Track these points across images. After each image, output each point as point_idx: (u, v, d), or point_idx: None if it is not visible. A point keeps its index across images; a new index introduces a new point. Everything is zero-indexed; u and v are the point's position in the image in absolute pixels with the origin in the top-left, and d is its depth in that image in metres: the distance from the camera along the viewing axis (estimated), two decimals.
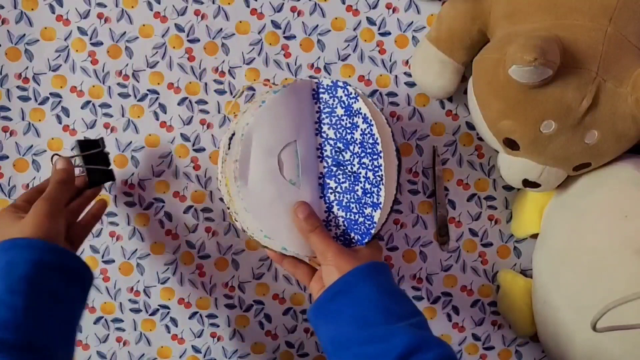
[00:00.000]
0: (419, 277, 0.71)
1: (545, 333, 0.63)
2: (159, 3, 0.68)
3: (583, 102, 0.53)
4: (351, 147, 0.58)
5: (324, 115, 0.59)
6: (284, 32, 0.69)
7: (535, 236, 0.67)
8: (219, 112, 0.69)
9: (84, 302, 0.54)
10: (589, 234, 0.57)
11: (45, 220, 0.51)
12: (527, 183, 0.60)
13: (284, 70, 0.69)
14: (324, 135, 0.59)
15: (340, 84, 0.58)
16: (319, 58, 0.69)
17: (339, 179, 0.59)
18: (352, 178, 0.58)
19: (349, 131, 0.58)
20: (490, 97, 0.58)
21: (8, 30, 0.67)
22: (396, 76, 0.69)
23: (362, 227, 0.58)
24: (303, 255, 0.59)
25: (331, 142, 0.59)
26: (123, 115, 0.69)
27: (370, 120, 0.56)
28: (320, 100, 0.59)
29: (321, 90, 0.59)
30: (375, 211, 0.57)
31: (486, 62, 0.59)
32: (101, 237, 0.69)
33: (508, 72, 0.52)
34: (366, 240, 0.58)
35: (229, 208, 0.58)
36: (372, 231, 0.57)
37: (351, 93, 0.57)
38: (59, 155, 0.60)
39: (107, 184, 0.69)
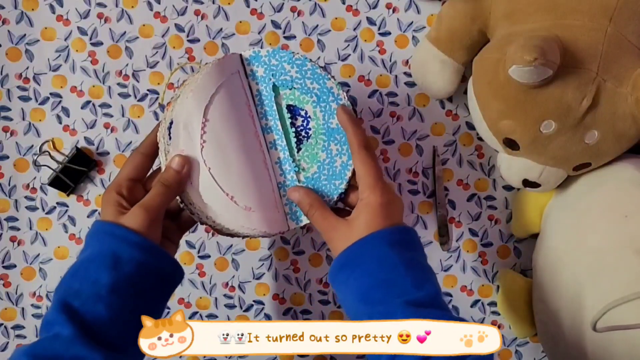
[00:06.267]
0: None
1: (545, 333, 0.63)
2: (159, 3, 0.68)
3: (583, 102, 0.53)
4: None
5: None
6: (284, 32, 0.69)
7: (535, 236, 0.67)
8: None
9: (166, 302, 0.54)
10: (589, 234, 0.57)
11: (151, 224, 0.51)
12: (527, 183, 0.60)
13: None
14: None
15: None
16: (319, 58, 0.69)
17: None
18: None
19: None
20: (490, 97, 0.58)
21: (8, 31, 0.67)
22: (396, 76, 0.69)
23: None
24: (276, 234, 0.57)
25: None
26: (123, 115, 0.69)
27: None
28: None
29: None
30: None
31: (486, 62, 0.59)
32: None
33: (508, 72, 0.52)
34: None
35: (181, 202, 0.54)
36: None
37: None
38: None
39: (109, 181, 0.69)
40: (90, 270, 0.49)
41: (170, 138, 0.53)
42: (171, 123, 0.53)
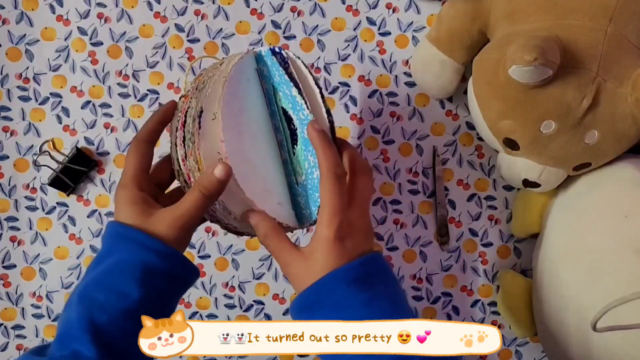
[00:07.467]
0: (419, 277, 0.71)
1: (545, 333, 0.63)
2: (159, 3, 0.68)
3: (583, 102, 0.53)
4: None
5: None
6: (284, 32, 0.69)
7: (535, 236, 0.67)
8: None
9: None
10: (589, 234, 0.57)
11: (184, 234, 0.48)
12: (527, 183, 0.60)
13: None
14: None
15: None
16: (319, 58, 0.69)
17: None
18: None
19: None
20: (490, 97, 0.58)
21: (9, 31, 0.67)
22: (396, 76, 0.69)
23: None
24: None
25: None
26: (123, 115, 0.69)
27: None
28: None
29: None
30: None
31: (486, 62, 0.59)
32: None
33: (508, 72, 0.52)
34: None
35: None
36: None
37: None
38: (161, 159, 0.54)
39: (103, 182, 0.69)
40: (119, 282, 0.46)
41: (200, 127, 0.48)
42: (201, 111, 0.48)
